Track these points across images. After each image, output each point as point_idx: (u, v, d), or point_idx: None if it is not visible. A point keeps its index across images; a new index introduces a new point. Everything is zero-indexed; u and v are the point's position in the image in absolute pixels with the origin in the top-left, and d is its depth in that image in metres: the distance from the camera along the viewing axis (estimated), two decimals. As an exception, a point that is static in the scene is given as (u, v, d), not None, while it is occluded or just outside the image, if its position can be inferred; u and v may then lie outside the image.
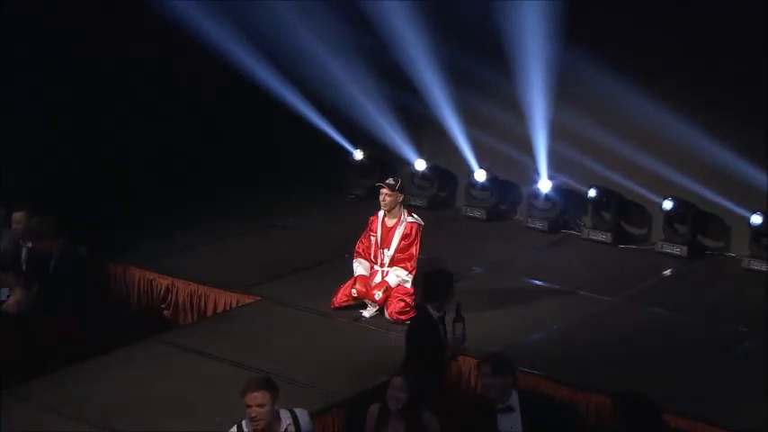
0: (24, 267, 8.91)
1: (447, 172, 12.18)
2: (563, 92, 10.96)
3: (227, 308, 9.55)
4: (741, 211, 10.41)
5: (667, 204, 10.67)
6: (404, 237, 9.10)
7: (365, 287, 9.09)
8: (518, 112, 11.20)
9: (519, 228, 11.55)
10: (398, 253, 9.11)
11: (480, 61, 11.18)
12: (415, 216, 9.27)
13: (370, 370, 8.00)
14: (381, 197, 9.15)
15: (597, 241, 11.04)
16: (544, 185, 11.40)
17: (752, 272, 10.23)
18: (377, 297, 9.01)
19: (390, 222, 9.15)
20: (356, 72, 11.83)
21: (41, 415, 7.52)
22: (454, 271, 9.95)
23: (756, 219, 10.23)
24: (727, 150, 10.26)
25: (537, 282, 9.97)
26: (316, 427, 7.08)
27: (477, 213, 11.72)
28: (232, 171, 12.57)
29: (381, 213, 9.22)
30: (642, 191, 10.94)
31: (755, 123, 10.19)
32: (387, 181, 9.21)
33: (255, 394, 6.08)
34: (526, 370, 7.91)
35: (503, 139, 11.44)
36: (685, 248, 10.60)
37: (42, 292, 8.61)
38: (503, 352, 7.41)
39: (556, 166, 11.35)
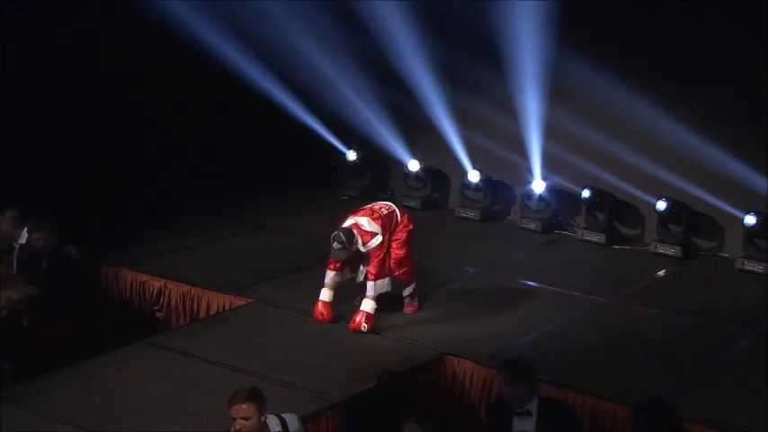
0: (15, 267, 8.89)
1: (440, 173, 12.18)
2: (557, 92, 10.95)
3: (220, 310, 9.52)
4: (735, 212, 10.40)
5: (661, 205, 10.66)
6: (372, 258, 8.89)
7: (324, 314, 8.96)
8: (512, 113, 11.19)
9: (513, 228, 11.54)
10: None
11: (474, 62, 11.17)
12: (374, 237, 8.76)
13: (364, 372, 7.95)
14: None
15: (591, 242, 11.03)
16: (538, 186, 11.39)
17: (746, 272, 10.22)
18: (364, 329, 8.81)
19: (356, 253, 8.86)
20: (349, 72, 11.82)
21: (33, 417, 7.47)
22: (448, 272, 10.05)
23: (750, 219, 10.22)
24: (721, 151, 10.26)
25: (531, 282, 9.95)
26: (309, 429, 7.08)
27: (470, 214, 11.71)
28: (225, 172, 12.55)
29: None
30: (636, 191, 10.94)
31: (750, 124, 10.19)
32: (336, 250, 8.66)
33: (240, 407, 6.01)
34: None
35: (496, 140, 11.44)
36: (679, 249, 10.59)
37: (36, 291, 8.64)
38: (523, 358, 7.36)
39: (549, 166, 11.34)
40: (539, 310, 9.35)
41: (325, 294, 9.01)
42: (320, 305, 8.99)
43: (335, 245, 8.71)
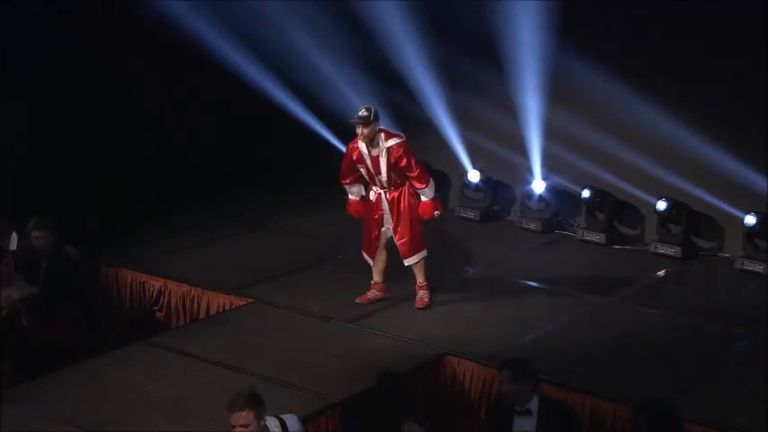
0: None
1: (440, 173, 12.16)
2: (557, 92, 10.95)
3: (220, 310, 9.52)
4: (735, 212, 10.40)
5: (661, 205, 10.67)
6: (392, 165, 8.92)
7: (359, 207, 9.21)
8: (512, 113, 11.19)
9: (513, 228, 11.53)
10: (397, 176, 8.98)
11: (474, 62, 11.17)
12: (395, 137, 8.96)
13: (364, 372, 7.95)
14: (359, 131, 8.93)
15: (591, 242, 11.03)
16: (538, 186, 11.39)
17: (746, 272, 10.22)
18: (437, 215, 9.15)
19: (374, 152, 8.96)
20: (349, 72, 11.81)
21: (33, 417, 7.48)
22: (448, 272, 10.04)
23: (750, 219, 10.22)
24: (721, 151, 10.26)
25: (531, 282, 9.95)
26: (309, 430, 7.08)
27: (470, 214, 11.71)
28: (225, 172, 12.55)
29: (362, 143, 8.99)
30: (636, 191, 10.94)
31: (750, 123, 10.19)
32: (359, 114, 8.88)
33: (240, 414, 6.04)
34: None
35: (496, 140, 11.44)
36: (679, 249, 10.59)
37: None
38: (524, 357, 7.39)
39: (549, 166, 11.33)
40: (539, 310, 9.35)
41: (354, 193, 9.23)
42: (353, 203, 9.23)
43: (362, 111, 8.88)
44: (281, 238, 11.14)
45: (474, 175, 11.66)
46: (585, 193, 11.09)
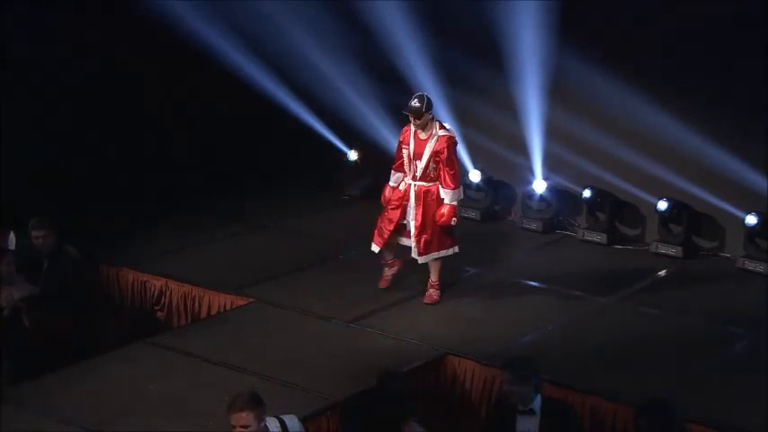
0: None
1: (441, 173, 12.15)
2: (557, 92, 10.95)
3: (221, 310, 9.52)
4: (736, 212, 10.40)
5: (662, 205, 10.66)
6: (434, 153, 9.01)
7: (390, 194, 9.24)
8: (513, 113, 11.19)
9: (513, 228, 11.53)
10: (432, 168, 9.06)
11: (474, 61, 11.16)
12: (448, 128, 9.15)
13: (365, 372, 7.95)
14: (412, 121, 9.03)
15: (592, 242, 11.03)
16: (539, 186, 11.38)
17: (746, 272, 10.22)
18: (454, 223, 9.21)
19: (423, 135, 9.07)
20: (350, 72, 11.81)
21: (33, 417, 7.48)
22: (448, 272, 10.03)
23: (751, 219, 10.22)
24: (722, 151, 10.25)
25: (531, 282, 9.95)
26: (309, 429, 7.08)
27: (471, 214, 11.70)
28: (225, 172, 12.54)
29: (413, 127, 9.11)
30: (637, 191, 10.94)
31: (750, 123, 10.19)
32: (411, 106, 8.94)
33: (240, 415, 6.06)
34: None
35: (497, 140, 11.43)
36: (680, 249, 10.59)
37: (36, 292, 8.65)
38: (526, 357, 7.39)
39: (550, 166, 11.33)
40: (539, 310, 9.35)
41: (393, 180, 9.29)
42: (388, 188, 9.30)
43: (414, 102, 8.92)
44: (281, 238, 11.14)
45: (475, 175, 11.66)
46: (586, 193, 11.08)
